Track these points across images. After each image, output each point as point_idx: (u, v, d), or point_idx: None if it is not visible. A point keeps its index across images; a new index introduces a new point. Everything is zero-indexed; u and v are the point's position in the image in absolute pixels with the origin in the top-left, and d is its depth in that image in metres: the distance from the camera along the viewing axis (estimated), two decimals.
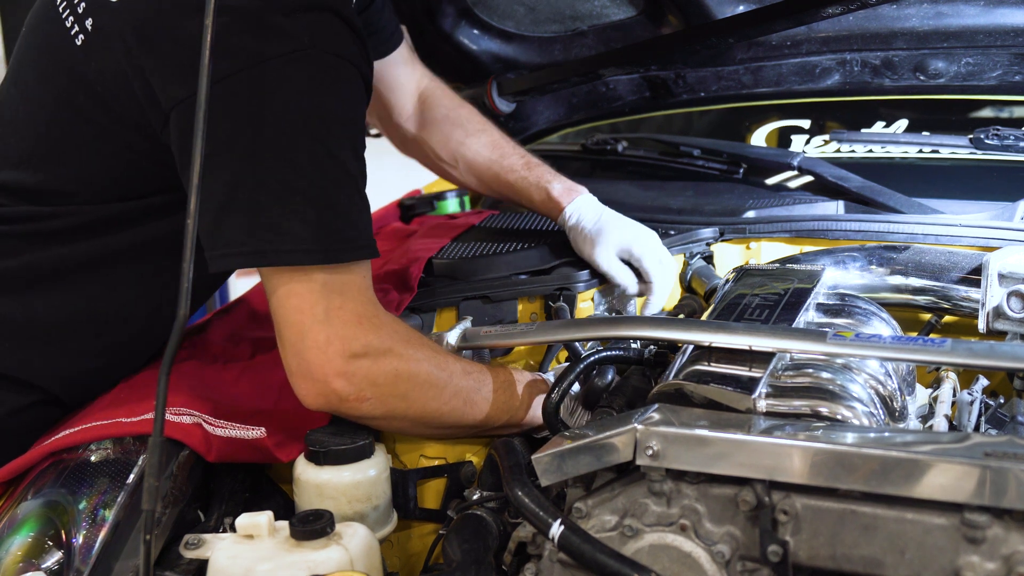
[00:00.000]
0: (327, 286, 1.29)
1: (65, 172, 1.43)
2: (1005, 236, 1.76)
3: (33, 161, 1.44)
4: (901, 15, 2.08)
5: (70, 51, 1.39)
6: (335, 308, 1.30)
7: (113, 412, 1.41)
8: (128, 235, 1.45)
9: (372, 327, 1.32)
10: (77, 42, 1.39)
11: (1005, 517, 0.99)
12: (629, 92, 2.44)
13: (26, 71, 1.48)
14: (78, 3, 1.41)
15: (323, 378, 1.30)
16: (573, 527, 1.12)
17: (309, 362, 1.29)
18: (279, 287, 1.30)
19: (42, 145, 1.44)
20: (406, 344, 1.36)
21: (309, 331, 1.29)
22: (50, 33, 1.43)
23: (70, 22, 1.41)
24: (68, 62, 1.40)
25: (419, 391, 1.36)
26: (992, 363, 1.25)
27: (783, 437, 1.08)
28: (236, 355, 1.62)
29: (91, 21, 1.38)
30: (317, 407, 1.34)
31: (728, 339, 1.31)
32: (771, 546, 1.05)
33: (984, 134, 1.93)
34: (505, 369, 1.51)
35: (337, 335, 1.29)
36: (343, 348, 1.29)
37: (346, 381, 1.30)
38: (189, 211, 1.13)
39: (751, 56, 2.24)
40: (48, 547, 1.27)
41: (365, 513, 1.33)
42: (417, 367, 1.36)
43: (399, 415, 1.37)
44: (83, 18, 1.39)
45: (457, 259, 1.82)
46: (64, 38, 1.40)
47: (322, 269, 1.29)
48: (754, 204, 2.05)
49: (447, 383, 1.39)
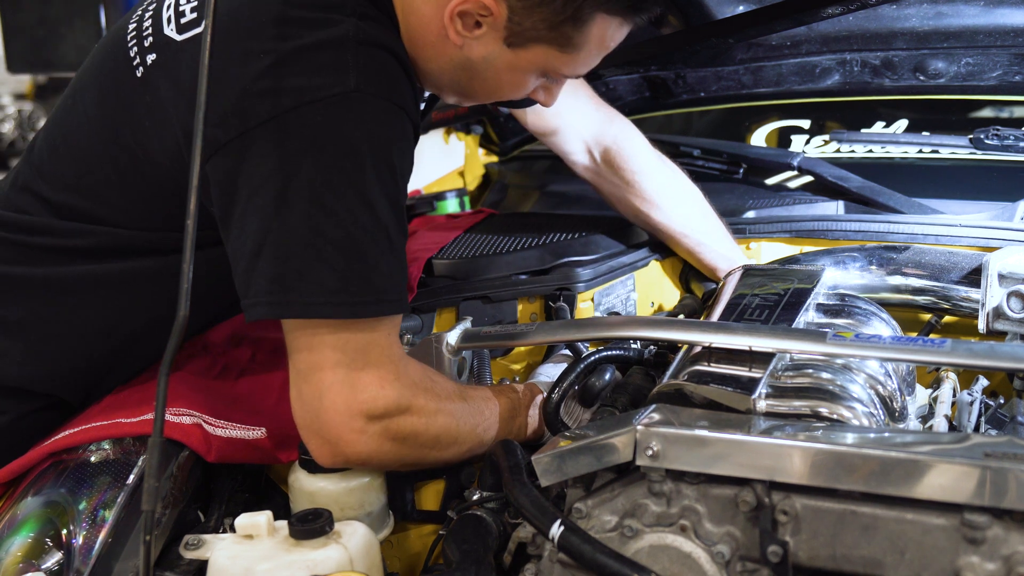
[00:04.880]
0: (350, 344, 1.25)
1: (107, 199, 1.42)
2: (1005, 236, 1.76)
3: (82, 186, 1.43)
4: (901, 15, 2.08)
5: (129, 83, 1.39)
6: (357, 370, 1.26)
7: (113, 413, 1.41)
8: (154, 260, 1.43)
9: (393, 388, 1.28)
10: (137, 74, 1.39)
11: (1005, 518, 0.98)
12: (629, 92, 2.44)
13: (87, 92, 1.48)
14: (146, 36, 1.40)
15: (337, 440, 1.26)
16: (573, 527, 1.12)
17: (325, 423, 1.26)
18: (301, 338, 1.27)
19: (92, 172, 1.43)
20: (425, 398, 1.32)
21: (328, 392, 1.25)
22: (115, 60, 1.43)
23: (134, 52, 1.40)
24: (125, 93, 1.40)
25: (431, 445, 1.34)
26: (992, 363, 1.26)
27: (783, 437, 1.08)
28: (236, 356, 1.62)
29: (153, 57, 1.38)
30: (330, 465, 1.31)
31: (728, 339, 1.31)
32: (771, 546, 1.05)
33: (984, 134, 1.93)
34: (506, 394, 1.48)
35: (357, 399, 1.25)
36: (361, 411, 1.25)
37: (362, 444, 1.27)
38: (189, 211, 1.13)
39: (751, 56, 2.24)
40: (48, 547, 1.27)
41: (358, 519, 1.32)
42: (432, 422, 1.32)
43: (409, 464, 1.36)
44: (147, 52, 1.39)
45: (457, 259, 1.82)
46: (127, 69, 1.40)
47: (347, 325, 1.25)
48: (754, 204, 2.05)
49: (459, 432, 1.36)
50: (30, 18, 2.40)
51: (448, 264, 1.81)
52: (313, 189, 1.23)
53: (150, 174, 1.38)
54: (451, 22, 1.33)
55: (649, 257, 1.94)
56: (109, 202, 1.42)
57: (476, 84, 1.44)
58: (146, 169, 1.38)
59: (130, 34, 1.43)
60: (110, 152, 1.41)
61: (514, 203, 2.46)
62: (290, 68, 1.26)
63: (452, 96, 1.50)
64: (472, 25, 1.34)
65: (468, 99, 1.51)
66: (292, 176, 1.23)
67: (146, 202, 1.41)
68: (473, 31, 1.34)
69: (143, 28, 1.42)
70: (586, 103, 1.89)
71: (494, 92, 1.47)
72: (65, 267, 1.44)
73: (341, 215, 1.24)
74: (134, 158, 1.39)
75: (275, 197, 1.24)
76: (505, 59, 1.38)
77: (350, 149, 1.25)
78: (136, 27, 1.43)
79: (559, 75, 1.45)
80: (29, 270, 1.45)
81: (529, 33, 1.34)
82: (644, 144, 1.92)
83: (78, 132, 1.45)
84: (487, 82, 1.43)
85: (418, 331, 1.69)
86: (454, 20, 1.33)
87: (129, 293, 1.46)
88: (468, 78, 1.42)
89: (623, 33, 1.42)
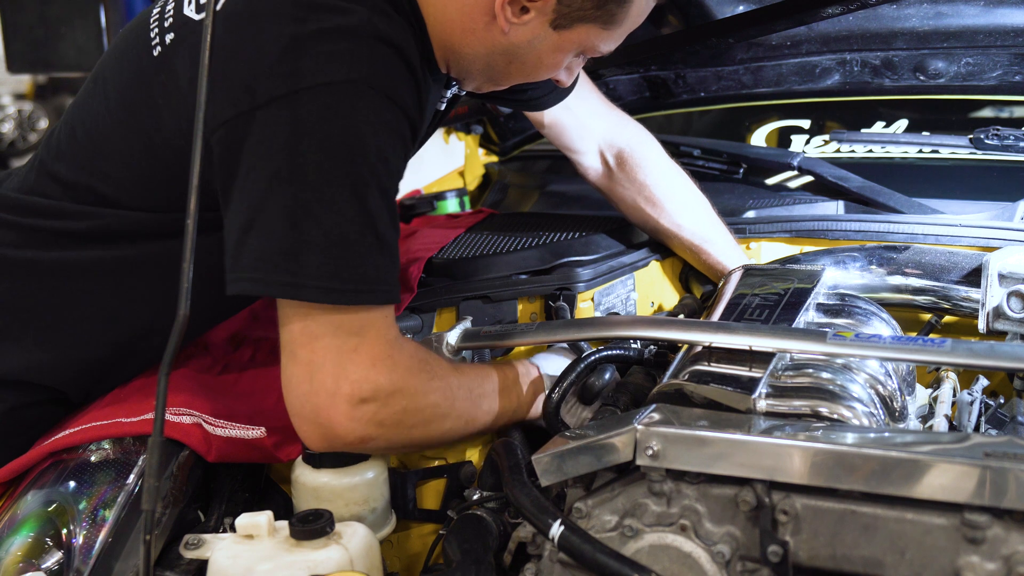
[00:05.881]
0: (343, 327, 1.25)
1: (119, 179, 1.43)
2: (1005, 236, 1.76)
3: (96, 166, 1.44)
4: (901, 15, 2.08)
5: (147, 63, 1.40)
6: (349, 350, 1.25)
7: (113, 412, 1.41)
8: (161, 244, 1.43)
9: (386, 368, 1.27)
10: (154, 53, 1.40)
11: (1005, 517, 0.99)
12: (629, 92, 2.44)
13: (107, 74, 1.49)
14: (167, 17, 1.42)
15: (328, 423, 1.26)
16: (573, 527, 1.12)
17: (315, 406, 1.25)
18: (293, 320, 1.27)
19: (106, 151, 1.44)
20: (417, 377, 1.31)
21: (318, 373, 1.25)
22: (136, 43, 1.44)
23: (154, 33, 1.42)
24: (141, 73, 1.41)
25: (424, 424, 1.33)
26: (992, 363, 1.26)
27: (783, 437, 1.08)
28: (236, 355, 1.62)
29: (172, 36, 1.39)
30: (319, 449, 1.30)
31: (728, 339, 1.31)
32: (771, 546, 1.05)
33: (984, 134, 1.93)
34: (504, 369, 1.49)
35: (348, 380, 1.25)
36: (352, 393, 1.25)
37: (352, 426, 1.26)
38: (189, 211, 1.13)
39: (751, 56, 2.24)
40: (48, 547, 1.27)
41: (362, 516, 1.33)
42: (424, 401, 1.32)
43: (401, 446, 1.36)
44: (166, 32, 1.40)
45: (457, 259, 1.82)
46: (145, 49, 1.41)
47: (339, 308, 1.25)
48: (754, 204, 2.05)
49: (451, 409, 1.36)
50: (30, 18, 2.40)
51: (448, 264, 1.81)
52: (309, 172, 1.24)
53: (162, 154, 1.39)
54: (502, 10, 1.35)
55: (649, 257, 1.94)
56: (120, 182, 1.43)
57: (513, 67, 1.46)
58: (158, 148, 1.39)
59: (153, 18, 1.45)
60: (124, 131, 1.42)
61: (514, 203, 2.46)
62: (302, 51, 1.26)
63: (479, 81, 1.51)
64: (519, 11, 1.36)
65: (497, 84, 1.53)
66: (290, 157, 1.24)
67: (156, 182, 1.42)
68: (521, 17, 1.36)
69: (165, 12, 1.44)
70: (600, 107, 1.90)
71: (531, 74, 1.49)
72: (72, 251, 1.44)
73: (333, 202, 1.24)
74: (147, 137, 1.40)
75: (272, 175, 1.24)
76: (550, 41, 1.40)
77: (350, 137, 1.26)
78: (159, 11, 1.45)
79: (596, 52, 1.47)
80: (37, 254, 1.45)
81: (577, 13, 1.37)
82: (657, 148, 1.93)
83: (95, 113, 1.47)
84: (526, 65, 1.45)
85: (418, 331, 1.69)
86: (504, 8, 1.35)
87: (134, 280, 1.46)
88: (506, 62, 1.44)
89: (653, 4, 1.45)
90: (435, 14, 1.39)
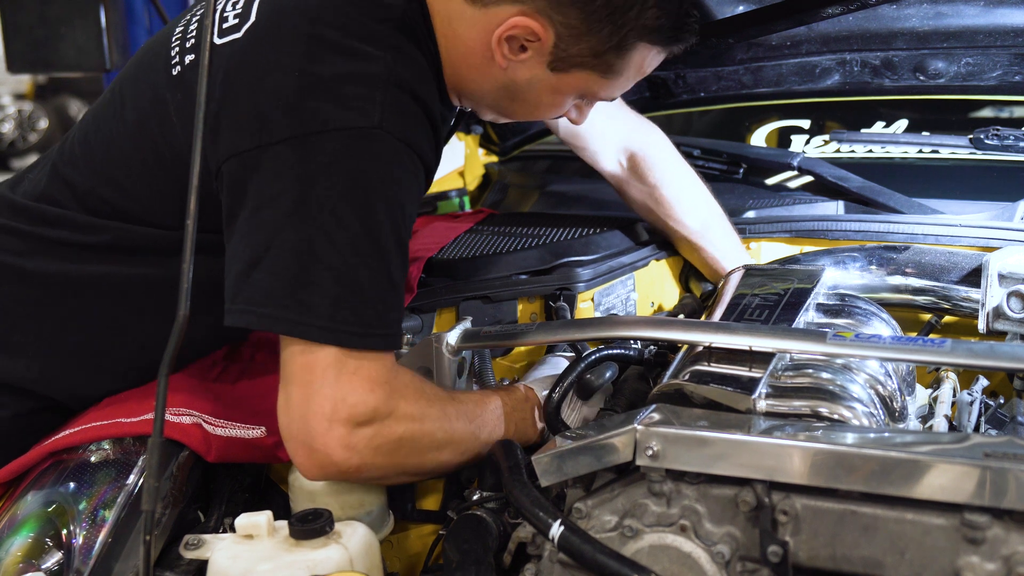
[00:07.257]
0: (341, 359, 1.24)
1: (130, 191, 1.43)
2: (1005, 236, 1.76)
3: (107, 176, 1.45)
4: (901, 15, 2.08)
5: (164, 80, 1.41)
6: (348, 373, 1.24)
7: (113, 412, 1.41)
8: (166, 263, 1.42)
9: (384, 392, 1.26)
10: (173, 72, 1.41)
11: (1005, 518, 0.99)
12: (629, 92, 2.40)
13: (125, 87, 1.49)
14: (188, 38, 1.42)
15: (324, 449, 1.24)
16: (573, 527, 1.12)
17: (311, 430, 1.24)
18: (295, 353, 1.26)
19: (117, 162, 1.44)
20: (414, 403, 1.30)
21: (316, 395, 1.23)
22: (157, 59, 1.45)
23: (175, 52, 1.42)
24: (158, 89, 1.41)
25: (419, 453, 1.32)
26: (992, 363, 1.26)
27: (783, 437, 1.08)
28: (236, 355, 1.62)
29: (191, 57, 1.39)
30: (314, 477, 1.29)
31: (728, 339, 1.31)
32: (771, 547, 1.05)
33: (984, 134, 1.93)
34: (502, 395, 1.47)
35: (345, 402, 1.23)
36: (349, 416, 1.23)
37: (348, 454, 1.24)
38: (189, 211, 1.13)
39: (751, 56, 2.24)
40: (48, 547, 1.27)
41: (359, 519, 1.32)
42: (421, 429, 1.31)
43: (396, 475, 1.34)
44: (186, 53, 1.41)
45: (457, 259, 1.82)
46: (164, 66, 1.42)
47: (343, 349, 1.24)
48: (754, 204, 2.05)
49: (449, 438, 1.35)
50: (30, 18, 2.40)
51: (448, 264, 1.81)
52: (321, 214, 1.24)
53: (172, 170, 1.39)
54: (499, 46, 1.37)
55: (649, 257, 1.94)
56: (130, 193, 1.43)
57: (516, 104, 1.48)
58: (169, 164, 1.39)
59: (175, 36, 1.45)
60: (137, 144, 1.42)
61: (514, 203, 2.46)
62: (320, 93, 1.26)
63: (491, 113, 1.55)
64: (518, 49, 1.38)
65: (506, 117, 1.56)
66: (303, 198, 1.24)
67: (165, 197, 1.41)
68: (519, 55, 1.38)
69: (188, 32, 1.44)
70: (614, 109, 1.91)
71: (533, 112, 1.52)
72: (80, 264, 1.44)
73: (344, 245, 1.24)
74: (159, 152, 1.40)
75: (283, 215, 1.24)
76: (548, 82, 1.42)
77: (364, 182, 1.26)
78: (182, 30, 1.45)
79: (596, 98, 1.51)
80: (44, 264, 1.45)
81: (574, 59, 1.39)
82: (669, 150, 1.95)
83: (110, 123, 1.47)
84: (527, 103, 1.48)
85: (418, 331, 1.69)
86: (501, 44, 1.36)
87: (141, 296, 1.46)
88: (510, 98, 1.47)
89: (659, 60, 1.48)
90: (448, 47, 1.41)
